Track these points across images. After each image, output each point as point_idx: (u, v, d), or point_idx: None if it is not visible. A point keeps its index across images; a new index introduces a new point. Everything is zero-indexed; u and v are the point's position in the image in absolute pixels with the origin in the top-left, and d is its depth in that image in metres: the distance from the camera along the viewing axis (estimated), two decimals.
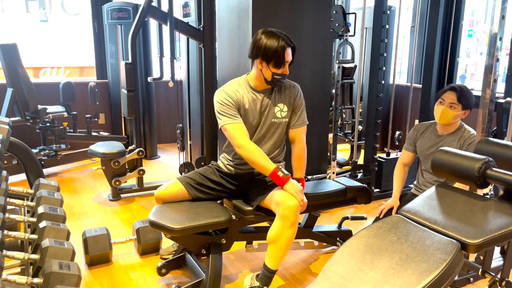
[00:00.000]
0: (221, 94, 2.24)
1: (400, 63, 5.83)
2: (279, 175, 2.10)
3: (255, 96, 2.27)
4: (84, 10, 5.89)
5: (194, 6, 3.68)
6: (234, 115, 2.20)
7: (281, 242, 2.11)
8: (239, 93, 2.25)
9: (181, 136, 4.12)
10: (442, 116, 2.41)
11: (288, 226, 2.08)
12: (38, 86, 4.47)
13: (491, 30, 2.07)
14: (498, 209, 1.59)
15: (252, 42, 2.19)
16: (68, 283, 1.74)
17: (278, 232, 2.10)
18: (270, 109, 2.27)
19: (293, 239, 2.14)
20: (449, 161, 1.72)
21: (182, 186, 2.33)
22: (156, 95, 5.23)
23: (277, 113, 2.28)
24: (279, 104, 2.29)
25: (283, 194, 2.09)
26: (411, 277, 1.37)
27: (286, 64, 2.18)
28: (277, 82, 2.21)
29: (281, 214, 2.07)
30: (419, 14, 4.27)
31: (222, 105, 2.21)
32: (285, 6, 3.12)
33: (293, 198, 2.06)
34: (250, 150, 2.15)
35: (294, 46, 2.20)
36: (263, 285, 2.17)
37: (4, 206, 2.07)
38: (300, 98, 2.34)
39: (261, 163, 2.14)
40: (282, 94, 2.30)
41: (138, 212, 3.49)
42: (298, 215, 2.09)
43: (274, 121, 2.29)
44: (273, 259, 2.15)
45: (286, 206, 2.05)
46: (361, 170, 3.88)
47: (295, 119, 2.33)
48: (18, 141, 2.92)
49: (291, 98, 2.31)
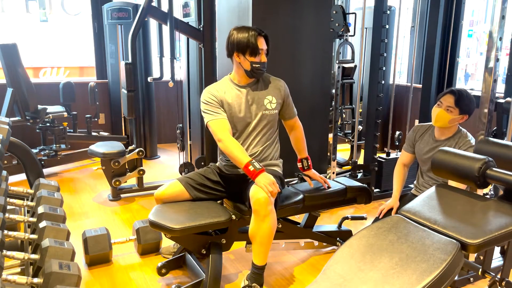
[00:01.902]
0: (205, 93, 2.34)
1: (400, 63, 5.83)
2: (250, 169, 2.13)
3: (239, 92, 2.33)
4: (84, 10, 5.89)
5: (194, 6, 3.68)
6: (216, 112, 2.28)
7: (259, 237, 2.12)
8: (222, 90, 2.33)
9: (181, 136, 4.12)
10: (437, 118, 2.39)
11: (260, 219, 2.08)
12: (38, 86, 4.47)
13: (491, 30, 2.07)
14: (498, 209, 1.59)
15: (226, 41, 2.30)
16: (68, 283, 1.74)
17: (254, 228, 2.11)
18: (259, 101, 2.33)
19: (272, 233, 2.13)
20: (449, 161, 1.72)
21: (182, 187, 2.33)
22: (156, 95, 5.23)
23: (267, 105, 2.33)
24: (268, 96, 2.35)
25: (254, 189, 2.10)
26: (411, 277, 1.37)
27: (262, 52, 2.26)
28: (256, 70, 2.27)
29: (253, 209, 2.09)
30: (419, 14, 4.27)
31: (205, 104, 2.31)
32: (285, 6, 3.12)
33: (262, 191, 2.06)
34: (228, 143, 2.21)
35: (266, 35, 2.29)
36: (252, 283, 2.17)
37: (4, 206, 2.07)
38: (286, 89, 2.42)
39: (237, 156, 2.17)
40: (268, 87, 2.36)
41: (138, 212, 3.49)
42: (269, 208, 2.07)
43: (265, 113, 2.33)
44: (257, 255, 2.17)
45: (256, 200, 2.06)
46: (361, 170, 3.88)
47: (289, 110, 2.44)
48: (18, 141, 2.92)
49: (279, 90, 2.38)
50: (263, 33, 2.28)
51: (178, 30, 3.56)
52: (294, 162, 2.60)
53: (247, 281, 2.20)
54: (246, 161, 2.15)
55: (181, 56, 4.03)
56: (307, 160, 2.55)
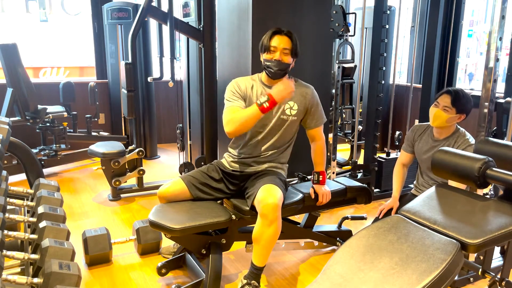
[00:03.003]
0: (232, 83, 2.35)
1: (400, 63, 5.83)
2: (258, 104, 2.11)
3: (264, 91, 2.30)
4: (84, 10, 5.89)
5: (194, 6, 3.68)
6: (235, 100, 2.27)
7: (263, 241, 2.12)
8: (249, 84, 2.33)
9: (181, 136, 4.12)
10: (435, 118, 2.40)
11: (267, 224, 2.08)
12: (38, 86, 4.47)
13: (491, 30, 2.07)
14: (498, 209, 1.59)
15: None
16: (68, 283, 1.74)
17: (259, 231, 2.10)
18: (280, 105, 2.29)
19: (276, 237, 2.13)
20: (449, 161, 1.72)
21: (184, 185, 2.33)
22: (156, 95, 5.23)
23: (287, 110, 2.31)
24: (289, 102, 2.31)
25: (264, 193, 2.09)
26: (411, 277, 1.37)
27: (276, 50, 2.21)
28: (267, 68, 2.25)
29: (261, 213, 2.08)
30: (419, 14, 4.27)
31: (229, 92, 2.31)
32: (285, 6, 3.12)
33: (272, 197, 2.06)
34: (233, 116, 2.19)
35: (289, 34, 2.22)
36: (251, 281, 2.18)
37: (4, 206, 2.07)
38: (313, 97, 2.35)
39: (246, 112, 2.16)
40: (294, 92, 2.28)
41: (138, 212, 3.49)
42: (277, 213, 2.08)
43: (283, 118, 2.31)
44: (258, 256, 2.17)
45: (265, 204, 2.05)
46: (361, 170, 3.88)
47: (312, 120, 2.37)
48: (18, 141, 2.92)
49: (303, 98, 2.32)
50: (283, 31, 2.22)
51: (178, 30, 3.56)
52: (295, 162, 2.60)
53: (245, 280, 2.20)
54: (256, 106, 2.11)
55: (181, 56, 4.03)
56: (319, 175, 2.44)
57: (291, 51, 2.23)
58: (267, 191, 2.11)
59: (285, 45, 2.21)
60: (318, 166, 2.46)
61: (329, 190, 2.45)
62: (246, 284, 2.18)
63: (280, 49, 2.21)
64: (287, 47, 2.22)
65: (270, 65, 2.23)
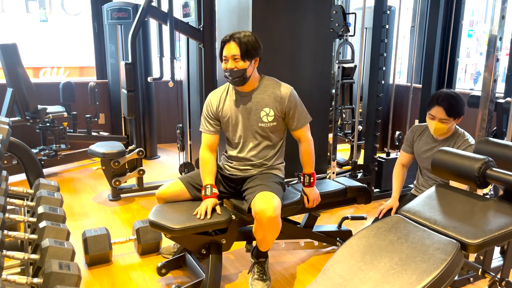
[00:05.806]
0: (206, 101, 2.40)
1: (400, 63, 5.82)
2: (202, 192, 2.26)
3: (239, 99, 2.31)
4: (84, 10, 5.88)
5: (194, 6, 3.68)
6: (206, 124, 2.36)
7: (267, 241, 2.22)
8: (222, 98, 2.35)
9: (181, 136, 4.12)
10: (435, 130, 2.41)
11: (268, 231, 2.13)
12: (38, 86, 4.47)
13: (491, 30, 2.07)
14: (498, 209, 1.59)
15: None
16: (68, 283, 1.74)
17: (261, 236, 2.18)
18: (256, 113, 2.27)
19: (276, 234, 2.19)
20: (449, 161, 1.72)
21: (183, 186, 2.34)
22: (156, 95, 5.23)
23: (263, 118, 2.28)
24: (265, 108, 2.26)
25: (261, 203, 2.08)
26: (411, 277, 1.37)
27: (227, 59, 2.18)
28: (226, 77, 2.25)
29: (259, 222, 2.10)
30: (419, 14, 4.27)
31: (204, 111, 2.39)
32: (285, 6, 3.12)
33: (270, 209, 2.05)
34: (201, 161, 2.34)
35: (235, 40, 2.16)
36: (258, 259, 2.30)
37: (4, 206, 2.07)
38: (290, 101, 2.26)
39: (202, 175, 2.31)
40: (270, 97, 2.27)
41: (138, 212, 3.49)
42: (275, 222, 2.10)
43: (262, 126, 2.29)
44: (262, 246, 2.27)
45: (262, 217, 2.07)
46: (361, 170, 3.88)
47: (294, 122, 2.31)
48: (18, 141, 2.92)
49: (279, 103, 2.26)
50: (230, 39, 2.17)
51: (178, 30, 3.56)
52: (294, 162, 2.59)
53: (253, 259, 2.33)
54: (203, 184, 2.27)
55: (181, 56, 4.03)
56: (310, 177, 2.36)
57: (241, 56, 2.16)
58: (264, 201, 2.09)
59: (233, 52, 2.16)
60: (306, 167, 2.37)
61: (318, 193, 2.43)
62: (254, 264, 2.29)
63: (230, 57, 2.17)
64: (235, 54, 2.15)
65: (226, 75, 2.22)
